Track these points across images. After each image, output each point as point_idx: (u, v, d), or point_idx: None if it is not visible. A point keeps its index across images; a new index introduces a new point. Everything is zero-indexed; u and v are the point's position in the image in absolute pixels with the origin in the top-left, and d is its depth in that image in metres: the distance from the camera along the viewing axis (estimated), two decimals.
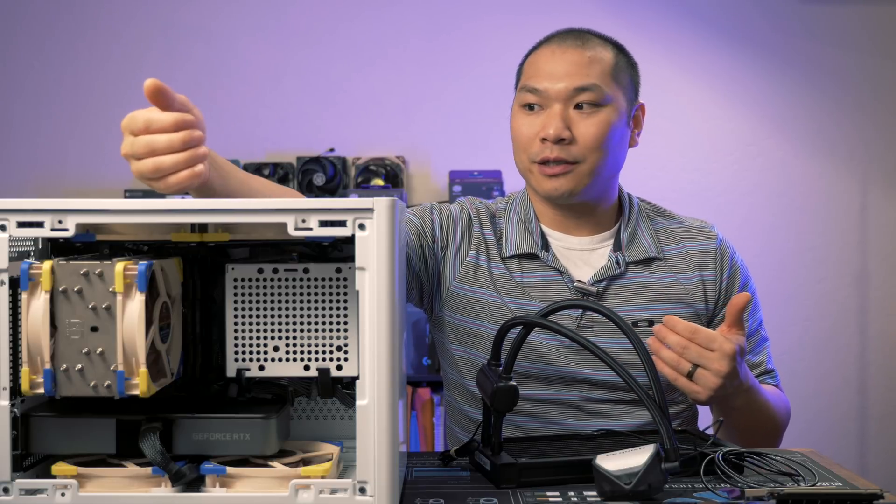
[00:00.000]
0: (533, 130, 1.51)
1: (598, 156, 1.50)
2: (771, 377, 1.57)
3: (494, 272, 1.55)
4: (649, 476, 1.06)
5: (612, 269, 1.53)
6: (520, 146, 1.53)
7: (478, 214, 1.60)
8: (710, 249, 1.57)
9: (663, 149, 3.32)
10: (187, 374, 1.14)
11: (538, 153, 1.50)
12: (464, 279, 1.55)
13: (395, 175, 3.27)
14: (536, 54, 1.55)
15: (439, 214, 1.59)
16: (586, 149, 1.49)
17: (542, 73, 1.51)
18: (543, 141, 1.49)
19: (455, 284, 1.55)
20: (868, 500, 1.06)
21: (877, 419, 3.38)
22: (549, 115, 1.49)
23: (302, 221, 0.99)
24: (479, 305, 1.54)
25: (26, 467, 1.04)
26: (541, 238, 1.56)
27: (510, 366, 1.22)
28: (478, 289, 1.55)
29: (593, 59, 1.50)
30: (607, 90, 1.50)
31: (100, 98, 3.35)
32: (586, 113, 1.49)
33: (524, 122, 1.52)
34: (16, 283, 0.99)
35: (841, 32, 3.37)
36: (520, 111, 1.54)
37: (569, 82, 1.49)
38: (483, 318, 1.53)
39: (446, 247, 1.57)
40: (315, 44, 3.35)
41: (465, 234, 1.58)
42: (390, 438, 0.99)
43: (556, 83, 1.49)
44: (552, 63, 1.51)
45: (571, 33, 1.55)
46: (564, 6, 3.31)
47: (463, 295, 1.55)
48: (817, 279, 3.38)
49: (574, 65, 1.50)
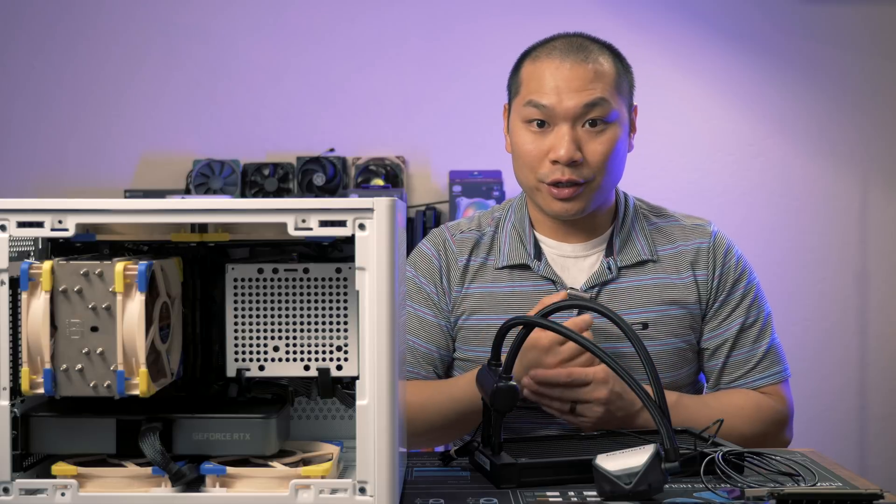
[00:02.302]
0: (540, 149, 1.50)
1: (606, 173, 1.51)
2: (763, 371, 1.55)
3: (481, 293, 1.56)
4: (649, 476, 1.06)
5: (604, 275, 1.54)
6: (525, 164, 1.52)
7: (458, 244, 1.60)
8: (703, 248, 1.57)
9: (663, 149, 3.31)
10: (187, 374, 1.14)
11: (548, 174, 1.49)
12: (458, 311, 1.57)
13: (395, 175, 3.27)
14: (537, 65, 1.52)
15: (427, 271, 1.60)
16: (595, 168, 1.49)
17: (547, 87, 1.49)
18: (554, 163, 1.48)
19: (453, 320, 1.58)
20: (868, 500, 1.06)
21: (877, 419, 3.38)
22: (558, 136, 1.48)
23: (302, 221, 0.99)
24: (468, 332, 1.57)
25: (26, 467, 1.04)
26: (534, 247, 1.57)
27: (510, 366, 1.22)
28: (470, 316, 1.56)
29: (598, 73, 1.49)
30: (613, 104, 1.49)
31: (100, 98, 3.35)
32: (595, 131, 1.49)
33: (529, 139, 1.51)
34: (16, 283, 0.99)
35: (841, 32, 3.36)
36: (524, 127, 1.52)
37: (578, 100, 1.48)
38: (471, 343, 1.56)
39: (444, 293, 1.59)
40: (315, 44, 3.35)
41: (447, 272, 1.59)
42: (390, 438, 0.99)
43: (563, 100, 1.48)
44: (557, 77, 1.49)
45: (571, 43, 1.52)
46: (564, 6, 3.31)
47: (460, 324, 1.58)
48: (817, 279, 3.37)
49: (580, 80, 1.48)
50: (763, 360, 1.55)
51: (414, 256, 1.63)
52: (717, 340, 1.55)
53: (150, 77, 3.34)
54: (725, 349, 1.55)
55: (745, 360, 1.55)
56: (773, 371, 1.56)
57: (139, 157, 3.35)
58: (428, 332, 1.57)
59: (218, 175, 3.19)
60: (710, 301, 1.56)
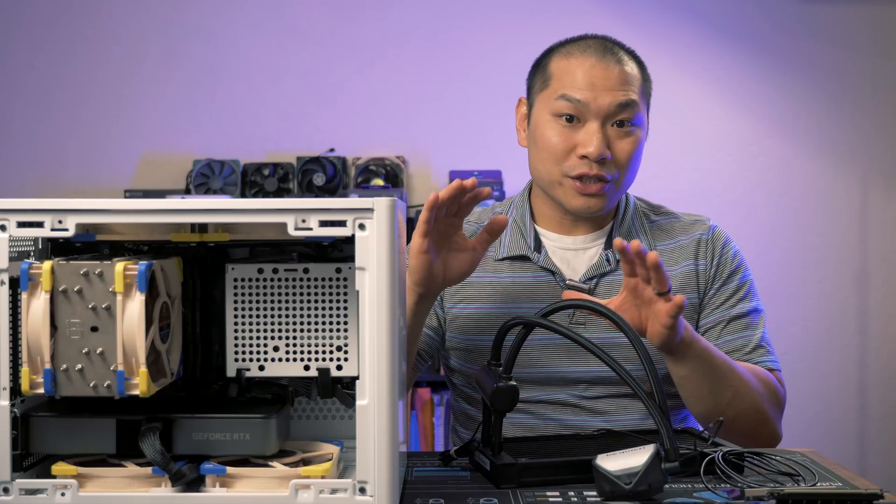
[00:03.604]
0: (569, 143, 1.50)
1: (628, 173, 1.53)
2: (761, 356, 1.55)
3: (480, 283, 1.56)
4: (649, 476, 1.06)
5: (602, 267, 1.55)
6: (551, 157, 1.52)
7: None
8: (703, 238, 1.59)
9: (663, 149, 3.31)
10: (187, 374, 1.14)
11: (574, 168, 1.50)
12: (452, 299, 1.57)
13: (395, 175, 3.27)
14: (570, 61, 1.52)
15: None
16: (620, 167, 1.51)
17: (581, 83, 1.49)
18: (582, 158, 1.49)
19: (448, 307, 1.58)
20: (868, 500, 1.07)
21: (877, 419, 3.38)
22: (589, 132, 1.49)
23: (302, 221, 0.99)
24: (466, 320, 1.56)
25: (26, 467, 1.04)
26: (534, 240, 1.57)
27: (510, 366, 1.22)
28: (468, 304, 1.56)
29: (630, 76, 1.51)
30: (640, 108, 1.52)
31: (100, 98, 3.35)
32: (623, 132, 1.50)
33: (558, 132, 1.51)
34: (16, 283, 0.99)
35: (841, 32, 3.36)
36: (552, 120, 1.52)
37: (612, 98, 1.49)
38: (470, 332, 1.56)
39: None
40: (315, 44, 3.35)
41: None
42: (390, 438, 0.99)
43: (598, 97, 1.48)
44: (593, 75, 1.49)
45: (604, 44, 1.53)
46: (564, 6, 3.31)
47: (454, 313, 1.57)
48: (817, 279, 3.38)
49: (615, 80, 1.50)
50: (758, 347, 1.55)
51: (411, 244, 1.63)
52: (710, 323, 1.55)
53: (150, 77, 3.34)
54: (718, 330, 1.54)
55: (743, 345, 1.54)
56: (769, 358, 1.55)
57: (139, 157, 3.35)
58: None
59: (218, 175, 3.19)
60: (707, 288, 1.57)
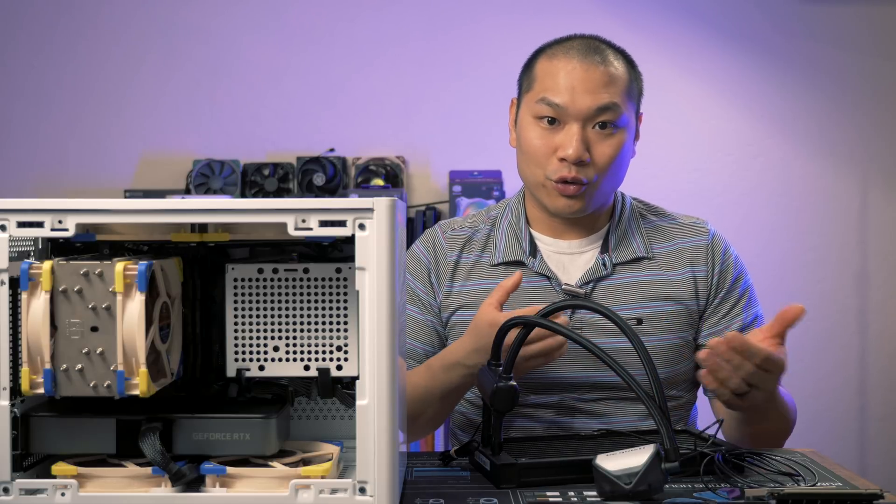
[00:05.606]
0: (549, 146, 1.50)
1: (610, 176, 1.52)
2: None
3: (474, 290, 1.56)
4: (649, 476, 1.06)
5: (598, 271, 1.54)
6: (533, 160, 1.52)
7: (448, 241, 1.61)
8: (702, 245, 1.58)
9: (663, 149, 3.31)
10: (187, 374, 1.14)
11: (555, 171, 1.50)
12: (448, 308, 1.58)
13: (395, 175, 3.27)
14: (553, 63, 1.52)
15: (415, 270, 1.61)
16: (600, 170, 1.51)
17: (562, 86, 1.49)
18: (562, 160, 1.49)
19: (445, 317, 1.58)
20: (868, 500, 1.07)
21: (877, 419, 3.38)
22: (567, 134, 1.49)
23: (302, 221, 0.99)
24: (464, 327, 1.55)
25: (26, 467, 1.04)
26: (529, 244, 1.57)
27: (510, 366, 1.22)
28: (465, 311, 1.56)
29: (612, 77, 1.50)
30: (623, 109, 1.51)
31: (100, 98, 3.35)
32: (604, 134, 1.50)
33: (539, 135, 1.51)
34: (16, 283, 0.99)
35: (841, 32, 3.36)
36: (534, 123, 1.52)
37: (591, 102, 1.48)
38: None
39: (433, 290, 1.60)
40: (315, 44, 3.35)
41: (436, 269, 1.60)
42: (390, 438, 0.99)
43: (577, 101, 1.48)
44: (573, 77, 1.49)
45: (588, 44, 1.53)
46: (564, 6, 3.31)
47: (453, 321, 1.57)
48: (817, 279, 3.37)
49: (595, 83, 1.49)
50: None
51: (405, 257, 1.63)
52: (714, 332, 1.55)
53: (150, 77, 3.34)
54: None
55: None
56: None
57: (139, 157, 3.35)
58: (413, 329, 1.58)
59: (218, 175, 3.19)
60: (710, 298, 1.56)
